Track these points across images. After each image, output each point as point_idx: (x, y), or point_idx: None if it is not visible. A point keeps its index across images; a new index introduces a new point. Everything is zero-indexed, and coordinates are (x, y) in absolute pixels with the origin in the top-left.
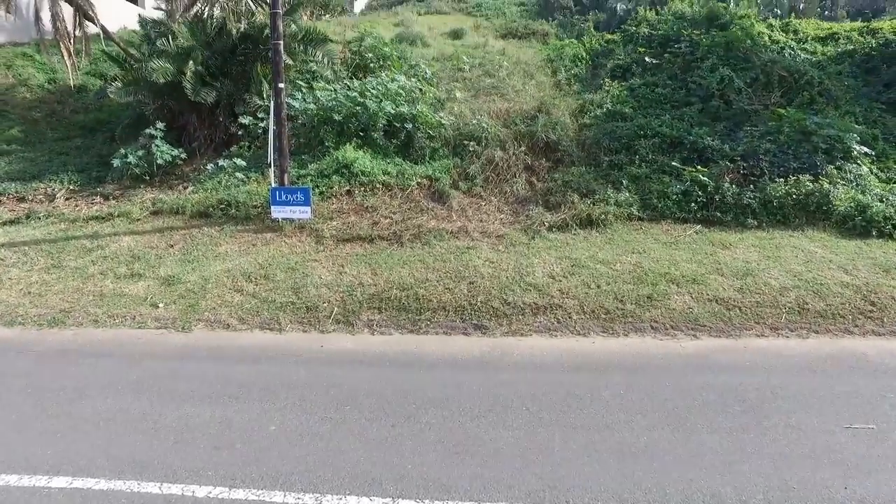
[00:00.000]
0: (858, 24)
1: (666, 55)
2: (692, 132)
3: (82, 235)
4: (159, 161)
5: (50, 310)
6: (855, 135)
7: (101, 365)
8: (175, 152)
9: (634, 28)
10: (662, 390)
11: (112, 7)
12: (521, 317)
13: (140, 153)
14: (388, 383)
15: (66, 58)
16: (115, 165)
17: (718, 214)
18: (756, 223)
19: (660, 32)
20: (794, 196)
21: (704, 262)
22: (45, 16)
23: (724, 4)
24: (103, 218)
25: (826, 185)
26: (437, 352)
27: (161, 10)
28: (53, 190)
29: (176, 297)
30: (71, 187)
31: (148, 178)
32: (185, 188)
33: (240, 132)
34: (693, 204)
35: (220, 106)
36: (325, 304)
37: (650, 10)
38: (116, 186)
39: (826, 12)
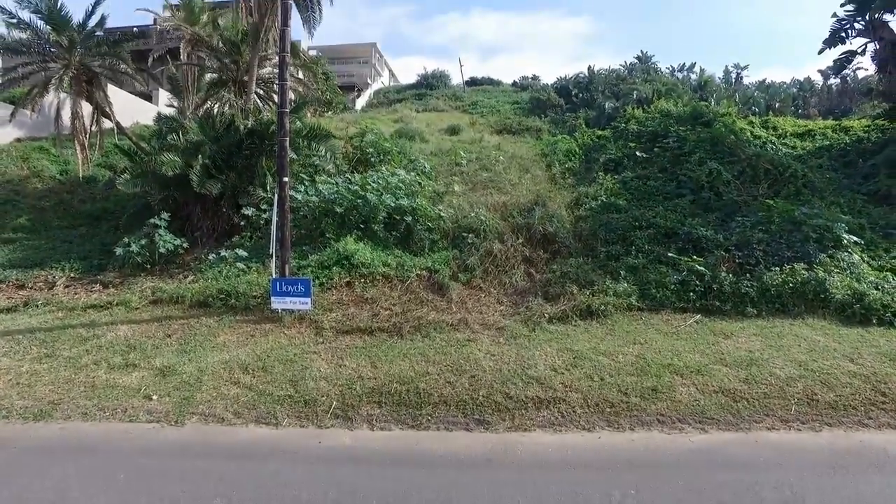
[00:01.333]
0: (831, 122)
1: (655, 150)
2: (686, 223)
3: (79, 324)
4: (161, 250)
5: (37, 402)
6: (843, 224)
7: (86, 463)
8: (177, 241)
9: (624, 125)
10: (675, 490)
11: (127, 104)
12: (523, 411)
13: (143, 242)
14: (387, 484)
15: (79, 151)
16: (117, 254)
17: (717, 303)
18: (755, 312)
19: (648, 129)
20: (790, 284)
21: (707, 352)
22: (66, 113)
23: (706, 104)
24: (102, 306)
25: (821, 274)
26: (438, 449)
27: (174, 107)
28: (54, 277)
29: (170, 389)
30: (72, 275)
31: (149, 266)
32: (185, 277)
33: (242, 223)
34: (691, 293)
35: (225, 197)
36: (323, 398)
37: (637, 108)
38: (117, 275)
39: (800, 111)
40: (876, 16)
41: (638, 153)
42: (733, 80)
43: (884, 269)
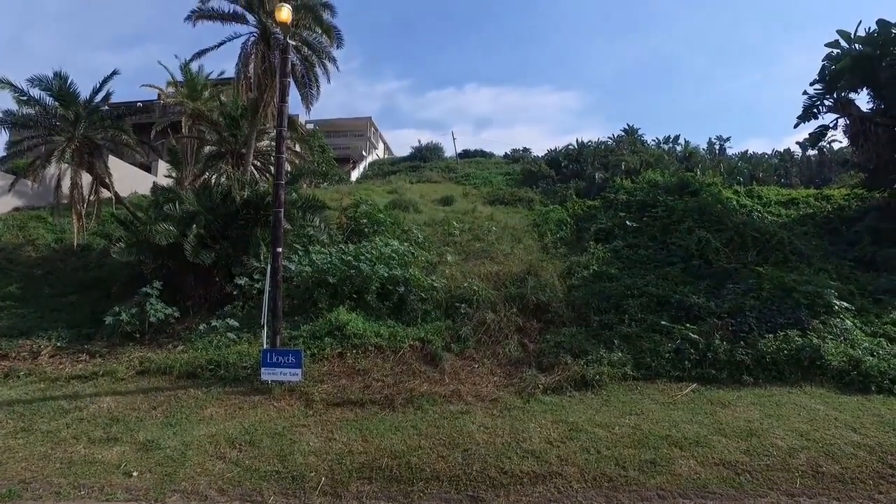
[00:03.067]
0: (813, 191)
1: (645, 219)
2: (678, 291)
3: (61, 395)
4: (152, 319)
5: (7, 481)
6: (833, 290)
7: None
8: (168, 311)
9: (613, 195)
10: None
11: (126, 174)
12: (519, 486)
13: (133, 311)
14: None
15: (76, 220)
16: (106, 322)
17: (713, 372)
18: (752, 380)
19: (637, 199)
20: (785, 351)
21: (705, 422)
22: (66, 183)
23: (693, 174)
24: (86, 377)
25: (815, 340)
26: None
27: (172, 177)
28: (39, 347)
29: (152, 465)
30: (58, 344)
31: (138, 336)
32: (175, 347)
33: (235, 292)
34: (686, 362)
35: (218, 266)
36: (312, 474)
37: (626, 179)
38: (105, 344)
39: (782, 180)
40: (843, 94)
41: (628, 223)
42: (717, 152)
43: (877, 335)
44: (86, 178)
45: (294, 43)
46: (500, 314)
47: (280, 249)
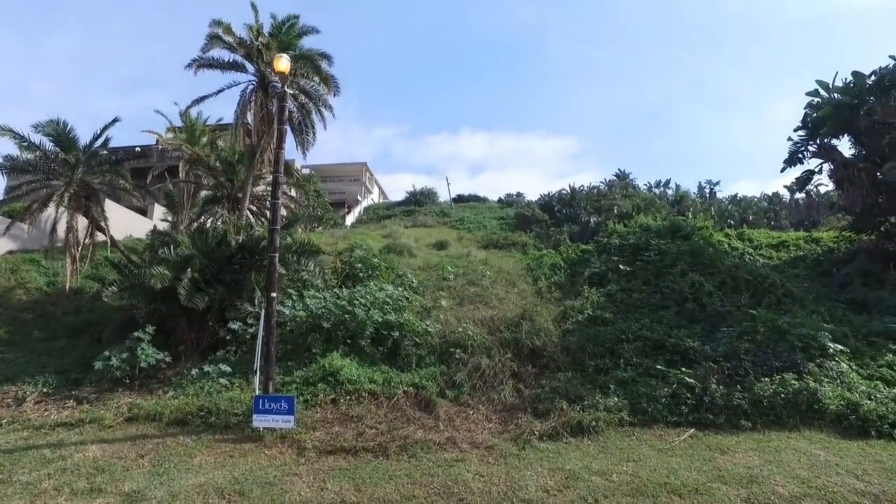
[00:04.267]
0: (802, 233)
1: (638, 263)
2: (672, 334)
3: (44, 444)
4: (143, 364)
5: None
6: (827, 333)
7: None
8: (160, 355)
9: (606, 239)
10: None
11: (122, 218)
12: None
13: (124, 356)
14: None
15: (69, 263)
16: (96, 367)
17: (710, 416)
18: (750, 425)
19: (630, 242)
20: (782, 395)
21: (704, 468)
22: (61, 226)
23: (684, 218)
24: (72, 424)
25: (812, 384)
26: None
27: (168, 221)
28: (24, 393)
29: None
30: (45, 390)
31: (128, 381)
32: (165, 393)
33: (228, 337)
34: (683, 406)
35: (212, 311)
36: None
37: (618, 222)
38: (93, 390)
39: (772, 223)
40: (825, 140)
41: (621, 266)
42: (707, 195)
43: (873, 378)
44: (81, 222)
45: (291, 91)
46: (495, 359)
47: (274, 294)
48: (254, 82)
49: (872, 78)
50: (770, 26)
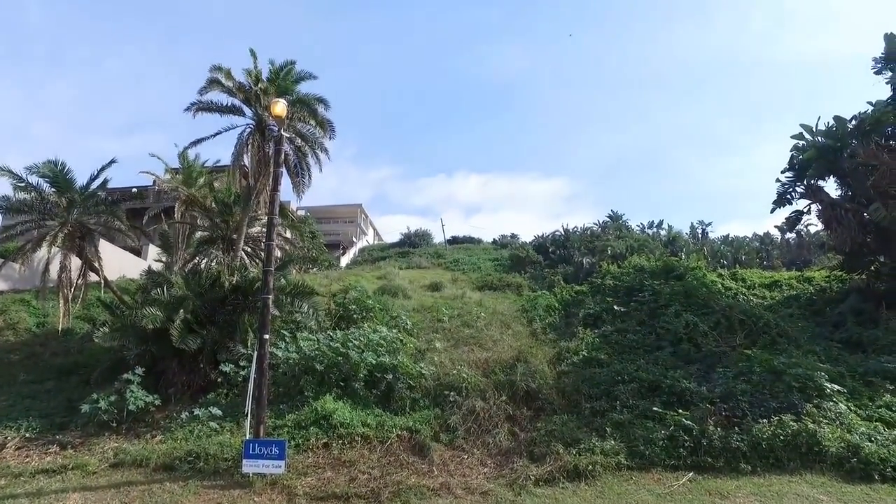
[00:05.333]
0: (795, 273)
1: (632, 304)
2: (668, 375)
3: (22, 493)
4: (131, 407)
5: None
6: (823, 373)
7: None
8: (149, 398)
9: (600, 280)
10: None
11: (116, 258)
12: None
13: (112, 398)
14: None
15: (61, 304)
16: (82, 411)
17: (709, 459)
18: (750, 468)
19: (624, 283)
20: (781, 437)
21: None
22: (54, 266)
23: (677, 258)
24: (54, 471)
25: (811, 425)
26: None
27: (162, 262)
28: (5, 438)
29: None
30: (27, 435)
31: (115, 425)
32: (153, 437)
33: (219, 379)
34: (681, 449)
35: (204, 353)
36: None
37: (612, 263)
38: (79, 434)
39: (764, 262)
40: (812, 181)
41: (616, 307)
42: (700, 236)
43: (873, 419)
44: (75, 262)
45: (288, 135)
46: (490, 402)
47: (267, 336)
48: (251, 125)
49: (853, 122)
50: (756, 72)
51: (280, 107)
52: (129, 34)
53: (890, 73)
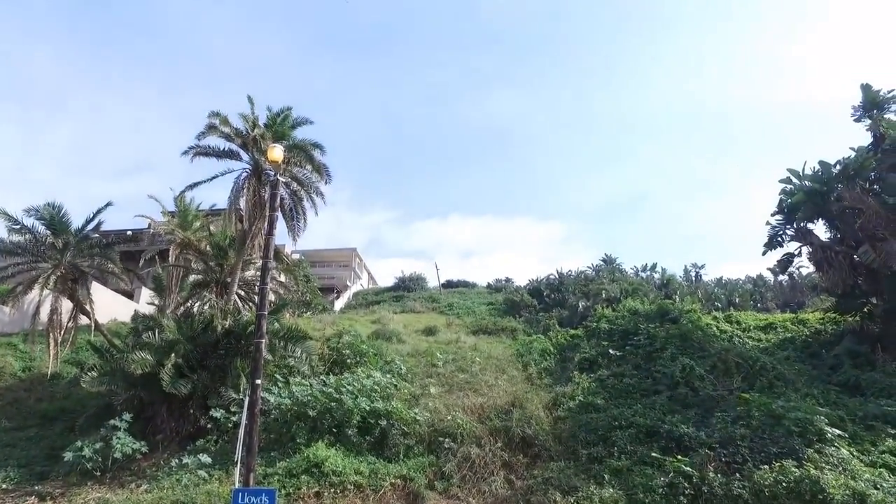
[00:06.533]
0: (789, 315)
1: (628, 347)
2: (666, 420)
3: None
4: (117, 455)
5: None
6: (823, 417)
7: None
8: (136, 445)
9: (595, 323)
10: None
11: (108, 301)
12: None
13: (97, 446)
14: None
15: (50, 347)
16: (65, 459)
17: None
18: None
19: (619, 327)
20: (783, 484)
21: None
22: (44, 310)
23: (671, 301)
24: None
25: (813, 471)
26: None
27: (154, 304)
28: None
29: None
30: (4, 486)
31: (99, 473)
32: (138, 486)
33: (209, 425)
34: (682, 497)
35: (194, 398)
36: None
37: (607, 307)
38: (60, 484)
39: (758, 304)
40: (802, 224)
41: (611, 351)
42: (693, 278)
43: (877, 465)
44: (66, 305)
45: (284, 179)
46: (485, 449)
47: (259, 381)
48: (248, 170)
49: (837, 167)
50: (743, 116)
51: (277, 152)
52: (131, 78)
53: (869, 121)
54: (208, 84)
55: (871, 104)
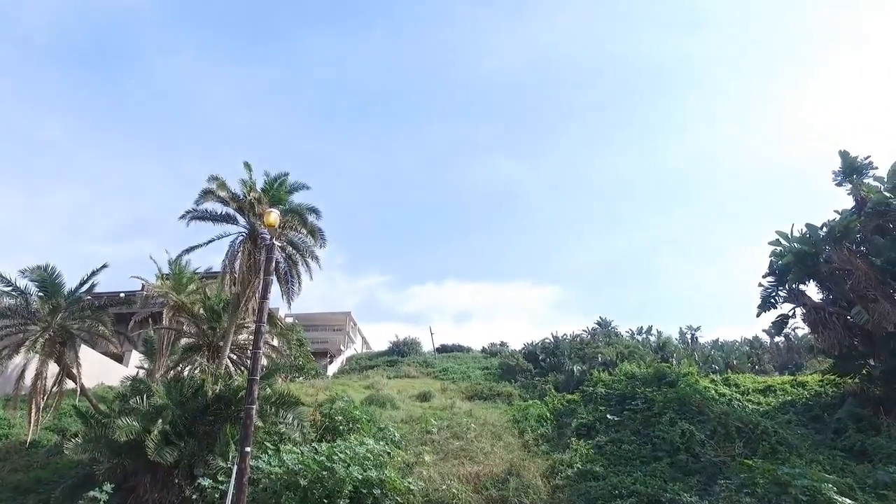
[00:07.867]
0: (788, 377)
1: (625, 412)
2: (668, 488)
3: None
4: None
5: None
6: (831, 485)
7: None
8: None
9: (592, 388)
10: None
11: (96, 364)
12: None
13: None
14: None
15: (32, 413)
16: None
17: None
18: None
19: (616, 391)
20: None
21: None
22: (30, 374)
23: (668, 364)
24: None
25: None
26: None
27: (144, 368)
28: None
29: None
30: None
31: None
32: None
33: (194, 496)
34: None
35: (180, 466)
36: None
37: (603, 371)
38: None
39: (755, 367)
40: (794, 285)
41: (609, 416)
42: (689, 341)
43: None
44: (52, 369)
45: (279, 243)
46: None
47: (249, 449)
48: (244, 233)
49: (824, 229)
50: (730, 178)
51: (273, 217)
52: (131, 144)
53: (850, 185)
54: (208, 149)
55: (851, 169)
